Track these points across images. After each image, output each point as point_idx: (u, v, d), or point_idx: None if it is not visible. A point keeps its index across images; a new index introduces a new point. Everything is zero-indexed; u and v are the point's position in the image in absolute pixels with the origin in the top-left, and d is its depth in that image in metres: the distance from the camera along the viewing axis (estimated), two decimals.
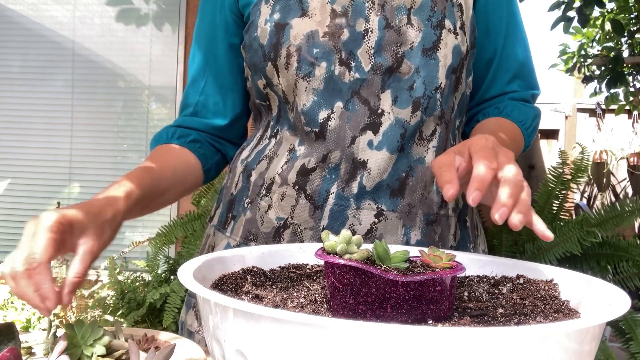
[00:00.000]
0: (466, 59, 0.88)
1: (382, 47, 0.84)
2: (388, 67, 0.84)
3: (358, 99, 0.84)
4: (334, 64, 0.84)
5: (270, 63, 0.87)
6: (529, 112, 0.96)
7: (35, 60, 3.84)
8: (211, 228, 0.98)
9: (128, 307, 2.66)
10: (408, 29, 0.84)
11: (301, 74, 0.84)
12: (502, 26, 0.95)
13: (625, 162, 6.79)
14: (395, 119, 0.84)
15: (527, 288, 0.60)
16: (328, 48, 0.84)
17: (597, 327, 0.44)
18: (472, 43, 0.90)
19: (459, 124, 0.94)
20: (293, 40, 0.84)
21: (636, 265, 2.15)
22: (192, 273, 0.53)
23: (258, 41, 0.87)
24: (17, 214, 3.86)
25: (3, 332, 0.62)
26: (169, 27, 3.78)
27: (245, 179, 0.92)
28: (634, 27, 5.48)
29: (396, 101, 0.84)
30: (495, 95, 0.98)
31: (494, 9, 0.94)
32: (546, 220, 2.29)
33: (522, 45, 0.97)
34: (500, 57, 0.96)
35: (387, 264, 0.50)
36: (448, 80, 0.86)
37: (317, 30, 0.84)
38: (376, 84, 0.84)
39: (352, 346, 0.39)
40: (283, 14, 0.86)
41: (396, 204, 0.84)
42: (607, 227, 2.20)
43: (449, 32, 0.85)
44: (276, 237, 0.87)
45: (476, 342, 0.38)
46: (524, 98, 0.98)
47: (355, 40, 0.84)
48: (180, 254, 2.47)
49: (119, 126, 3.83)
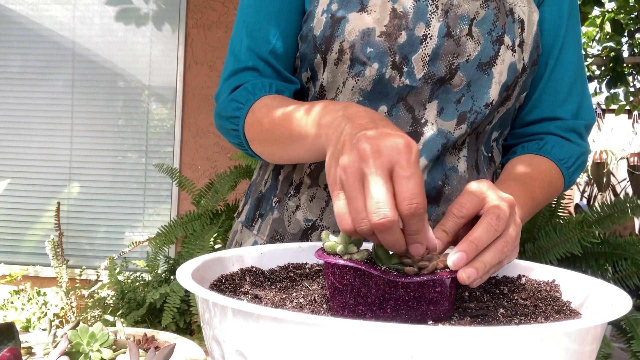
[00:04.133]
0: (521, 76, 0.84)
1: (438, 56, 0.80)
2: (440, 77, 0.80)
3: (403, 106, 0.81)
4: (386, 66, 0.80)
5: (319, 55, 0.83)
6: (573, 150, 0.89)
7: (35, 60, 3.84)
8: (239, 224, 0.97)
9: (128, 307, 2.66)
10: (467, 40, 0.80)
11: (352, 73, 0.81)
12: (557, 46, 0.90)
13: (625, 162, 6.79)
14: (438, 130, 0.81)
15: (528, 289, 0.60)
16: (383, 49, 0.80)
17: (598, 328, 0.44)
18: (533, 60, 0.86)
19: (497, 136, 0.90)
20: (347, 36, 0.80)
21: (635, 264, 2.15)
22: (190, 274, 0.52)
23: (312, 32, 0.83)
24: (17, 214, 3.86)
25: (3, 332, 0.62)
26: (169, 27, 3.78)
27: (274, 177, 0.91)
28: (634, 27, 5.47)
29: (441, 113, 0.81)
30: (539, 119, 0.91)
31: (550, 27, 0.89)
32: (544, 217, 2.29)
33: (575, 68, 0.91)
34: (548, 78, 0.90)
35: (387, 264, 0.50)
36: (499, 98, 0.82)
37: (374, 29, 0.80)
38: (425, 93, 0.81)
39: (352, 346, 0.39)
40: (341, 5, 0.82)
41: (431, 213, 0.82)
42: (605, 224, 2.20)
43: (507, 49, 0.81)
44: (303, 238, 0.86)
45: (476, 342, 0.38)
46: (573, 128, 0.90)
47: (412, 45, 0.80)
48: (180, 254, 2.47)
49: (119, 126, 3.83)
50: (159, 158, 3.76)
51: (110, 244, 3.81)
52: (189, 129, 3.73)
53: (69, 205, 3.81)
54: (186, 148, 3.75)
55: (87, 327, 0.63)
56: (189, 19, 3.73)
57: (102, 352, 0.62)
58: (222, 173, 2.67)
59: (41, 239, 3.71)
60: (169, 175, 2.85)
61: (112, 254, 3.45)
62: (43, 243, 3.47)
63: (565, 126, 0.90)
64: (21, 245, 3.84)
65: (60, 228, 3.33)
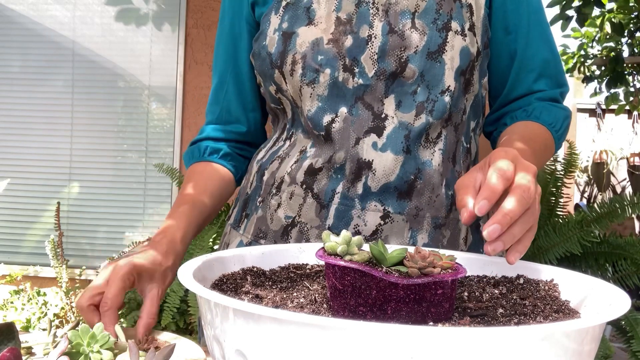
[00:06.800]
0: (477, 60, 0.87)
1: (385, 53, 0.83)
2: (392, 72, 0.83)
3: (362, 104, 0.84)
4: (337, 70, 0.84)
5: (277, 70, 0.88)
6: (558, 114, 0.92)
7: (35, 60, 3.84)
8: (228, 226, 1.00)
9: (128, 307, 2.66)
10: (412, 32, 0.83)
11: (306, 81, 0.85)
12: (523, 24, 0.92)
13: (625, 162, 6.79)
14: (399, 122, 0.84)
15: (527, 288, 0.60)
16: (332, 55, 0.84)
17: (597, 327, 0.44)
18: (484, 44, 0.89)
19: (474, 126, 0.93)
20: (299, 48, 0.85)
21: (635, 264, 2.15)
22: (192, 273, 0.53)
23: (266, 49, 0.89)
24: (17, 214, 3.86)
25: (3, 332, 0.62)
26: (169, 27, 3.78)
27: (259, 178, 0.94)
28: (634, 27, 5.47)
29: (400, 106, 0.84)
30: (521, 95, 0.95)
31: (513, 7, 0.91)
32: (544, 216, 2.30)
33: (546, 42, 0.94)
34: (522, 55, 0.93)
35: (384, 264, 0.50)
36: (457, 83, 0.85)
37: (321, 38, 0.85)
38: (380, 89, 0.84)
39: (352, 346, 0.39)
40: (291, 23, 0.87)
41: (403, 207, 0.84)
42: (604, 223, 2.21)
43: (455, 34, 0.84)
44: (284, 235, 0.88)
45: (476, 342, 0.38)
46: (552, 97, 0.95)
47: (358, 47, 0.84)
48: None
49: (119, 126, 3.83)
50: (159, 158, 3.76)
51: (110, 244, 3.81)
52: (189, 129, 3.74)
53: (69, 205, 3.81)
54: (186, 148, 3.75)
55: (87, 328, 0.63)
56: (189, 19, 3.73)
57: (102, 353, 0.62)
58: None
59: (41, 239, 3.71)
60: (169, 175, 2.85)
61: (112, 254, 3.45)
62: (43, 243, 3.46)
63: (545, 96, 0.95)
64: (21, 245, 3.84)
65: (60, 228, 3.33)
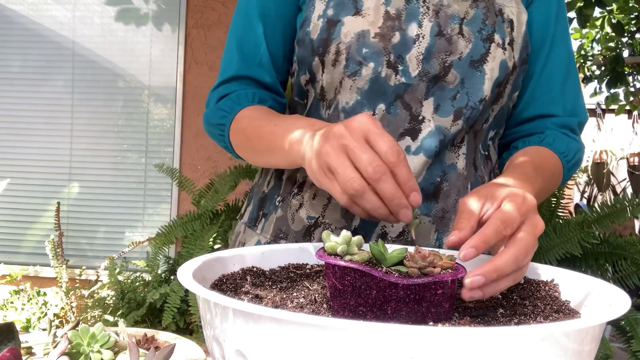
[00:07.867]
0: (512, 74, 0.87)
1: (431, 54, 0.83)
2: (435, 74, 0.83)
3: (401, 103, 0.84)
4: (381, 65, 0.83)
5: (317, 58, 0.86)
6: (571, 145, 0.91)
7: (35, 60, 3.84)
8: (241, 225, 0.99)
9: (128, 307, 2.67)
10: (459, 38, 0.83)
11: (348, 72, 0.84)
12: (546, 46, 0.93)
13: (625, 162, 6.79)
14: (436, 127, 0.83)
15: (527, 288, 0.60)
16: (377, 49, 0.83)
17: (597, 327, 0.44)
18: (523, 59, 0.89)
19: (493, 135, 0.93)
20: (343, 38, 0.84)
21: (635, 264, 2.15)
22: (191, 273, 0.53)
23: (309, 36, 0.87)
24: (17, 214, 3.86)
25: (3, 332, 0.62)
26: (169, 27, 3.78)
27: (278, 177, 0.93)
28: (634, 27, 5.48)
29: (438, 109, 0.84)
30: (533, 117, 0.94)
31: (538, 28, 0.92)
32: (544, 217, 2.29)
33: (565, 66, 0.94)
34: (539, 76, 0.93)
35: (384, 264, 0.50)
36: (492, 94, 0.85)
37: (368, 30, 0.84)
38: (420, 90, 0.83)
39: (352, 346, 0.39)
40: (336, 10, 0.86)
41: (430, 209, 0.84)
42: (604, 224, 2.20)
43: (497, 47, 0.84)
44: (307, 235, 0.87)
45: (476, 342, 0.38)
46: (567, 125, 0.93)
47: (405, 44, 0.83)
48: (180, 254, 2.47)
49: (119, 126, 3.83)
50: (159, 158, 3.76)
51: (110, 244, 3.81)
52: (189, 129, 3.74)
53: (69, 205, 3.81)
54: (186, 148, 3.75)
55: (87, 328, 0.63)
56: (189, 19, 3.73)
57: (102, 353, 0.62)
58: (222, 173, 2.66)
59: (41, 239, 3.71)
60: (169, 175, 2.85)
61: (112, 254, 3.45)
62: (43, 243, 3.47)
63: (560, 122, 0.93)
64: (21, 245, 3.84)
65: (60, 228, 3.33)
